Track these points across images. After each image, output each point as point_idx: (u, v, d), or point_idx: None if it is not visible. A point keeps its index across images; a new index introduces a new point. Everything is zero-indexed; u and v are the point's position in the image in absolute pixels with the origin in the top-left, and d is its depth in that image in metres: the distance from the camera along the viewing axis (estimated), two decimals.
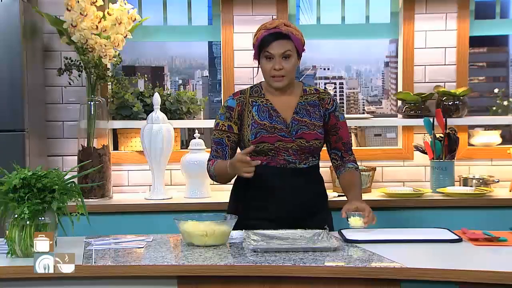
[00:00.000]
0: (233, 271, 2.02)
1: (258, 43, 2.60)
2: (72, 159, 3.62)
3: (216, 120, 2.68)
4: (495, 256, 2.16)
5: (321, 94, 2.71)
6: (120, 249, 2.23)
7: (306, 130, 2.61)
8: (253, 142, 2.58)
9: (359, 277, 1.99)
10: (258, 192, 2.60)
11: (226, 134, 2.64)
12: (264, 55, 2.59)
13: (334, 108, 2.70)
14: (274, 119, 2.61)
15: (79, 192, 2.20)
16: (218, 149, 2.65)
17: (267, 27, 2.60)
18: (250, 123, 2.62)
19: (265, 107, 2.64)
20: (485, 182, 3.52)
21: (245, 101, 2.66)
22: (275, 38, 2.57)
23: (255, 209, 2.60)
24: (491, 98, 4.25)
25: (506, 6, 4.03)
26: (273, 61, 2.58)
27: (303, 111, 2.64)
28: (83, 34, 3.36)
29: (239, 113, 2.64)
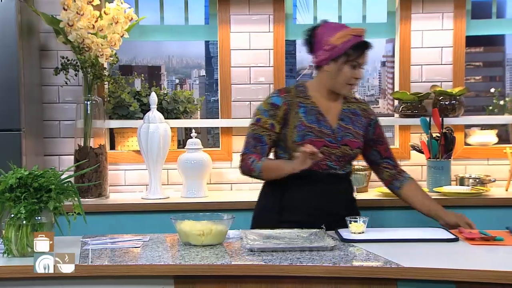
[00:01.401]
0: (230, 271, 2.02)
1: (347, 48, 2.52)
2: (69, 159, 3.62)
3: (257, 114, 2.60)
4: (492, 255, 2.16)
5: (361, 104, 2.71)
6: (116, 248, 2.23)
7: (351, 137, 2.60)
8: (298, 144, 2.52)
9: (356, 277, 1.99)
10: (297, 194, 2.57)
11: (268, 132, 2.58)
12: (351, 62, 2.52)
13: (376, 118, 2.71)
14: (321, 123, 2.57)
15: (75, 191, 2.20)
16: (258, 146, 2.58)
17: (357, 33, 2.54)
18: (296, 124, 2.56)
19: (312, 110, 2.59)
20: (481, 181, 3.53)
21: (291, 101, 2.59)
22: (366, 48, 2.55)
23: (290, 211, 2.57)
24: (488, 98, 4.26)
25: (502, 6, 4.03)
26: (356, 70, 2.54)
27: (347, 119, 2.63)
28: (80, 33, 3.35)
29: (285, 112, 2.57)
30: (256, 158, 2.55)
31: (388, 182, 2.71)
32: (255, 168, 2.55)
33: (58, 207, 2.14)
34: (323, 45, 2.54)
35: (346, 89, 2.58)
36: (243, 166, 2.59)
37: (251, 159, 2.56)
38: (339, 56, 2.52)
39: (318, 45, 2.56)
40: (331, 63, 2.55)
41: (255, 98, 3.79)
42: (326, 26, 2.58)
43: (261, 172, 2.55)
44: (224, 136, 3.79)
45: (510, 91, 6.35)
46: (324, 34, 2.55)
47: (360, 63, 2.55)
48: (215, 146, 3.98)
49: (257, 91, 3.79)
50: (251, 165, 2.56)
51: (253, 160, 2.55)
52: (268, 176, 2.58)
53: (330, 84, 2.58)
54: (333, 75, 2.56)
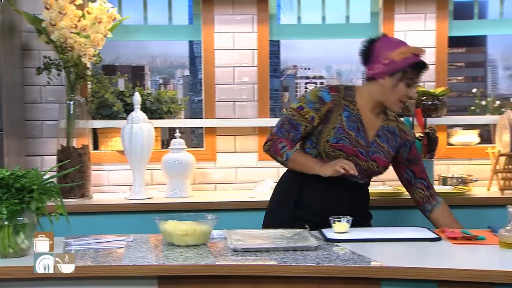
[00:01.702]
0: (213, 271, 2.02)
1: (406, 66, 2.50)
2: (51, 159, 3.59)
3: (302, 102, 2.59)
4: (474, 254, 2.18)
5: (400, 124, 2.71)
6: (100, 249, 2.21)
7: (382, 156, 2.60)
8: (333, 145, 2.54)
9: (340, 276, 2.00)
10: (314, 194, 2.58)
11: (306, 123, 2.57)
12: (407, 80, 2.52)
13: (414, 140, 2.72)
14: (360, 133, 2.58)
15: (58, 192, 2.18)
16: (291, 133, 2.57)
17: (417, 52, 2.53)
18: (336, 126, 2.56)
19: (354, 117, 2.59)
20: (463, 181, 3.56)
21: (338, 102, 2.59)
22: (423, 68, 2.55)
23: (304, 210, 2.58)
24: (470, 98, 4.30)
25: (484, 7, 4.07)
26: (410, 88, 2.54)
27: (384, 136, 2.63)
28: (62, 33, 3.33)
29: (329, 110, 2.57)
30: (288, 145, 2.55)
31: (420, 204, 2.70)
32: (283, 155, 2.55)
33: (41, 208, 2.12)
34: (382, 59, 2.53)
35: (397, 106, 2.59)
36: (272, 147, 2.58)
37: (282, 144, 2.56)
38: (396, 72, 2.52)
39: (376, 58, 2.55)
40: (386, 78, 2.54)
41: (239, 98, 3.79)
42: (387, 40, 2.59)
43: (288, 161, 2.55)
44: (208, 136, 3.79)
45: (492, 92, 6.42)
46: (384, 47, 2.54)
47: (416, 83, 2.56)
48: (199, 146, 3.98)
49: (241, 91, 3.79)
50: (280, 150, 2.55)
51: (284, 146, 2.55)
52: (292, 167, 2.58)
53: (381, 98, 2.58)
54: (387, 90, 2.55)
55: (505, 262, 2.07)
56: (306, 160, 2.55)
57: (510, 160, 3.44)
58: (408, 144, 2.69)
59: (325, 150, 2.55)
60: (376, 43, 2.57)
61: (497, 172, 3.47)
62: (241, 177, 3.78)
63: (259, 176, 3.69)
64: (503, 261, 2.10)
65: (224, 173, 3.78)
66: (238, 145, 3.79)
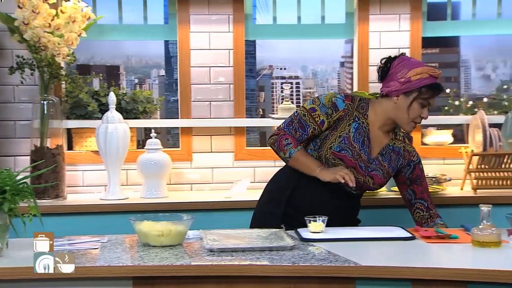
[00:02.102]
0: (189, 271, 2.02)
1: (422, 86, 2.50)
2: (25, 159, 3.55)
3: (315, 104, 2.59)
4: (447, 253, 2.20)
5: (407, 145, 2.69)
6: (74, 250, 2.20)
7: (380, 174, 2.61)
8: (334, 153, 2.55)
9: (315, 276, 2.01)
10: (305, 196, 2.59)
11: (315, 125, 2.57)
12: (421, 100, 2.52)
13: (419, 160, 2.70)
14: (364, 148, 2.59)
15: (31, 192, 2.16)
16: (298, 132, 2.58)
17: (434, 74, 2.51)
18: (342, 135, 2.57)
19: (363, 131, 2.59)
20: (437, 180, 3.59)
21: (351, 112, 2.59)
22: (438, 90, 2.54)
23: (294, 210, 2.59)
24: (443, 98, 4.34)
25: (457, 8, 4.12)
26: (423, 109, 2.54)
27: (387, 156, 2.63)
28: (36, 32, 3.29)
29: (339, 118, 2.58)
30: (293, 143, 2.56)
31: (419, 224, 2.66)
32: (287, 151, 2.56)
33: (13, 209, 2.10)
34: (399, 77, 2.54)
35: (409, 126, 2.59)
36: (277, 141, 2.59)
37: (287, 141, 2.57)
38: (412, 91, 2.52)
39: (393, 75, 2.57)
40: (401, 96, 2.55)
41: (215, 98, 3.78)
42: (405, 59, 2.59)
43: (290, 158, 2.56)
44: (184, 136, 3.78)
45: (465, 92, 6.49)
46: (402, 66, 2.56)
47: (430, 104, 2.55)
48: (175, 146, 3.96)
49: (217, 91, 3.79)
50: (284, 146, 2.57)
51: (289, 144, 2.56)
52: (293, 165, 2.58)
53: (394, 115, 2.58)
54: (400, 108, 2.56)
55: (477, 261, 2.10)
56: (308, 161, 2.56)
57: (483, 160, 3.49)
58: (412, 164, 2.68)
59: (326, 156, 2.57)
60: (394, 61, 2.59)
61: (470, 171, 3.51)
62: (217, 177, 3.77)
63: (235, 176, 3.69)
64: (475, 259, 2.13)
65: (200, 173, 3.77)
66: (214, 145, 3.78)
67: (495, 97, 4.17)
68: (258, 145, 4.27)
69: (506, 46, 5.79)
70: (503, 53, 6.12)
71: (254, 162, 3.77)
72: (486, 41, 6.01)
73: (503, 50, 6.03)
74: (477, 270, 1.97)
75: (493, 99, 4.15)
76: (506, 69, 6.40)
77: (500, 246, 2.20)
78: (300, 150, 2.56)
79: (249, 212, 3.24)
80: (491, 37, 4.26)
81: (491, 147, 3.52)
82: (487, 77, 6.62)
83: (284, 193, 2.63)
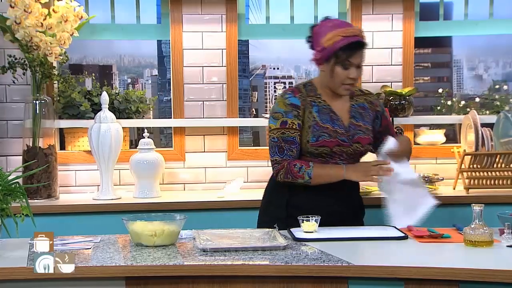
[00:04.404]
0: (182, 271, 2.02)
1: (336, 50, 2.49)
2: (17, 159, 3.54)
3: (281, 118, 2.56)
4: (439, 252, 2.21)
5: (367, 96, 2.70)
6: (67, 250, 2.19)
7: (362, 134, 2.60)
8: (314, 144, 2.54)
9: (308, 275, 2.01)
10: (306, 193, 2.57)
11: (298, 133, 2.55)
12: (342, 63, 2.51)
13: (383, 109, 2.71)
14: (335, 122, 2.57)
15: (23, 192, 2.16)
16: (293, 148, 2.54)
17: (347, 34, 2.49)
18: (311, 124, 2.55)
19: (325, 109, 2.59)
20: (430, 180, 3.60)
21: (305, 100, 2.58)
22: (357, 47, 2.52)
23: (296, 208, 2.56)
24: (436, 98, 4.36)
25: (449, 8, 4.13)
26: (349, 70, 2.52)
27: (358, 115, 2.63)
28: (28, 31, 3.28)
29: (303, 112, 2.56)
30: (304, 164, 2.52)
31: None
32: (304, 175, 2.51)
33: (5, 209, 2.09)
34: (316, 46, 2.55)
35: (342, 90, 2.58)
36: (288, 173, 2.53)
37: (297, 166, 2.52)
38: (329, 57, 2.52)
39: (314, 44, 2.58)
40: (324, 64, 2.56)
41: (207, 98, 3.78)
42: (322, 25, 2.57)
43: (311, 179, 2.51)
44: (177, 136, 3.77)
45: (457, 92, 6.51)
46: (318, 34, 2.56)
47: (353, 63, 2.53)
48: (168, 146, 3.96)
49: (210, 91, 3.79)
50: (298, 172, 2.51)
51: (301, 167, 2.52)
52: (318, 183, 2.53)
53: (327, 83, 2.60)
54: (327, 76, 2.56)
55: (470, 260, 2.11)
56: (329, 171, 2.53)
57: (475, 160, 3.50)
58: (379, 115, 2.69)
59: (308, 150, 2.56)
60: (314, 29, 2.59)
61: (462, 171, 3.52)
62: (210, 177, 3.77)
63: (228, 176, 3.69)
64: (468, 259, 2.14)
65: (193, 173, 3.77)
66: (207, 145, 3.78)
67: (487, 97, 4.18)
68: (251, 145, 4.27)
69: (498, 46, 5.82)
70: (495, 53, 6.15)
71: (247, 162, 3.77)
72: (478, 41, 6.04)
73: (495, 50, 6.05)
74: (469, 269, 1.97)
75: (485, 99, 4.16)
76: (498, 69, 6.43)
77: (492, 246, 2.21)
78: (314, 166, 2.52)
79: (242, 212, 3.25)
80: (483, 37, 4.27)
81: (483, 146, 3.54)
82: (479, 77, 6.65)
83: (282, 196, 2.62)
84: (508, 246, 2.21)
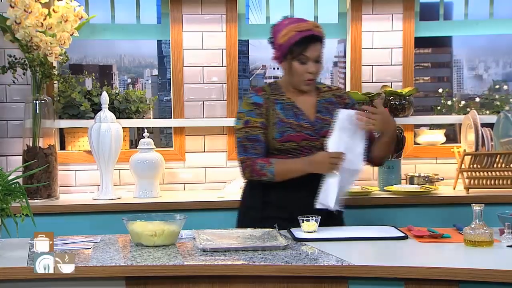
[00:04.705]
0: (182, 271, 2.02)
1: (291, 45, 2.51)
2: (17, 159, 3.54)
3: (243, 117, 2.58)
4: (440, 252, 2.21)
5: (335, 91, 2.71)
6: (67, 250, 2.19)
7: (329, 128, 2.59)
8: (279, 140, 2.54)
9: (308, 275, 2.01)
10: (279, 191, 2.56)
11: (261, 131, 2.56)
12: (298, 58, 2.53)
13: (353, 101, 2.71)
14: (299, 117, 2.58)
15: (23, 192, 2.16)
16: (257, 146, 2.55)
17: (300, 29, 2.51)
18: (275, 121, 2.56)
19: (288, 106, 2.60)
20: (430, 180, 3.60)
21: (268, 99, 2.60)
22: (311, 41, 2.52)
23: (275, 208, 2.57)
24: (436, 98, 4.36)
25: (449, 8, 4.13)
26: (307, 65, 2.53)
27: (324, 109, 2.63)
28: (28, 31, 3.28)
29: (266, 110, 2.57)
30: (265, 162, 2.52)
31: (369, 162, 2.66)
32: (267, 173, 2.51)
33: (5, 209, 2.09)
34: (275, 44, 2.59)
35: (303, 85, 2.59)
36: (252, 172, 2.53)
37: (258, 165, 2.52)
38: (285, 54, 2.55)
39: (274, 43, 2.61)
40: (284, 62, 2.58)
41: (208, 98, 3.78)
42: (279, 24, 2.60)
43: (274, 176, 2.51)
44: (177, 136, 3.77)
45: (457, 92, 6.51)
46: (275, 32, 2.59)
47: (309, 57, 2.54)
48: (168, 146, 3.96)
49: (210, 91, 3.79)
50: (261, 171, 2.52)
51: (263, 165, 2.52)
52: (283, 179, 2.52)
53: (289, 80, 2.61)
54: (288, 73, 2.59)
55: (470, 260, 2.11)
56: (290, 166, 2.53)
57: (475, 160, 3.50)
58: (348, 107, 2.66)
59: (276, 147, 2.56)
60: (273, 28, 2.62)
61: (462, 171, 3.52)
62: (210, 177, 3.77)
63: (228, 176, 3.69)
64: (468, 259, 2.14)
65: (193, 173, 3.77)
66: (207, 145, 3.78)
67: (487, 97, 4.18)
68: None
69: (498, 46, 5.81)
70: (495, 53, 6.14)
71: None
72: (478, 41, 6.04)
73: (495, 50, 6.05)
74: (469, 269, 1.97)
75: (485, 99, 4.16)
76: (498, 69, 6.43)
77: (492, 246, 2.21)
78: (275, 163, 2.53)
79: None
80: (483, 37, 4.27)
81: (483, 146, 3.54)
82: (479, 77, 6.65)
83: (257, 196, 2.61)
84: (508, 246, 2.21)
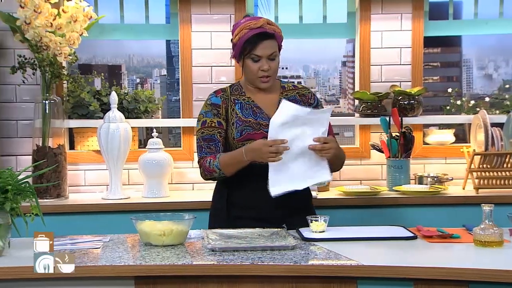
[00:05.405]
0: (191, 271, 2.02)
1: (242, 44, 2.53)
2: (27, 159, 3.55)
3: (201, 118, 2.60)
4: (449, 253, 2.20)
5: (300, 89, 2.70)
6: (76, 249, 2.20)
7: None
8: (239, 140, 2.55)
9: (317, 275, 2.01)
10: (244, 191, 2.56)
11: (217, 130, 2.57)
12: (251, 56, 2.54)
13: (317, 102, 2.70)
14: (258, 115, 2.58)
15: (33, 192, 2.16)
16: (211, 145, 2.56)
17: (251, 26, 2.52)
18: (234, 121, 2.57)
19: (247, 105, 2.60)
20: (439, 180, 3.59)
21: (228, 99, 2.61)
22: (262, 38, 2.52)
23: (241, 208, 2.57)
24: (445, 98, 4.33)
25: (459, 8, 4.12)
26: (260, 62, 2.54)
27: None
28: (37, 31, 3.29)
29: (225, 110, 2.59)
30: (212, 158, 2.54)
31: None
32: (215, 169, 2.52)
33: (15, 208, 2.10)
34: (232, 43, 2.62)
35: (259, 83, 2.59)
36: (205, 171, 2.56)
37: (207, 162, 2.54)
38: (239, 53, 2.57)
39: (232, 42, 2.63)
40: (240, 61, 2.61)
41: None
42: (237, 23, 2.62)
43: (221, 170, 2.51)
44: (186, 136, 3.78)
45: (467, 91, 6.48)
46: (232, 31, 2.63)
47: (261, 55, 2.54)
48: (177, 145, 3.96)
49: None
50: (209, 167, 2.53)
51: (210, 161, 2.53)
52: (230, 172, 2.51)
53: (247, 79, 2.63)
54: (244, 71, 2.62)
55: (479, 260, 2.10)
56: (231, 155, 2.51)
57: (484, 159, 3.49)
58: (312, 107, 2.62)
59: (236, 146, 2.56)
60: (233, 28, 2.63)
61: (472, 171, 3.51)
62: None
63: None
64: (477, 259, 2.13)
65: None
66: None
67: (497, 97, 4.15)
68: None
69: (508, 45, 5.79)
70: (505, 52, 6.11)
71: None
72: (488, 41, 6.01)
73: (505, 50, 6.02)
74: (479, 269, 1.96)
75: (495, 98, 4.13)
76: (508, 68, 6.40)
77: (502, 246, 2.20)
78: (220, 156, 2.52)
79: None
80: (493, 36, 4.25)
81: (493, 146, 3.52)
82: (489, 76, 6.62)
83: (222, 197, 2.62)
84: None
